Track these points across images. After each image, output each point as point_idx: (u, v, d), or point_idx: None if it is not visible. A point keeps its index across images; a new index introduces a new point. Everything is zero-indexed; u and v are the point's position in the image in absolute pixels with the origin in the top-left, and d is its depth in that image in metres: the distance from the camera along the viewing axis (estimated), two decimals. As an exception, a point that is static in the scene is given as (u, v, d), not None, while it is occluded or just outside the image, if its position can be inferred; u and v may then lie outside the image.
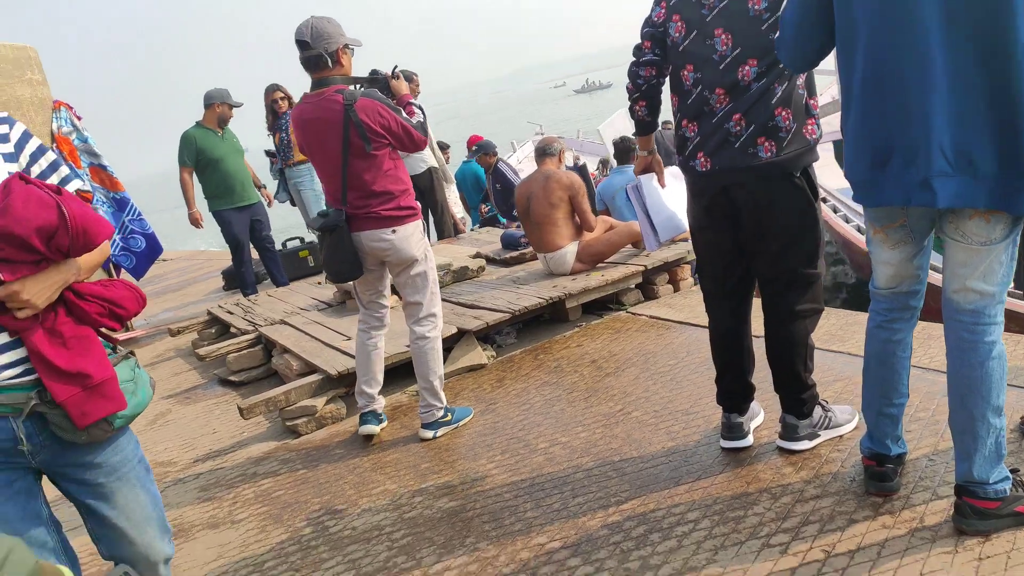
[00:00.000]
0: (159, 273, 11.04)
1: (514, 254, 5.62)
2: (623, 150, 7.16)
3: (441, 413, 3.50)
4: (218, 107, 6.63)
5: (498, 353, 4.44)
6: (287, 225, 11.36)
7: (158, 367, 5.80)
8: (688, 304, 4.68)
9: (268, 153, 7.54)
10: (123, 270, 7.10)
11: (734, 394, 2.82)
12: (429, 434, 3.47)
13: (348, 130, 3.19)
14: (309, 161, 7.25)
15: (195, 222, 6.81)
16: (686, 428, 3.06)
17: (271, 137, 7.35)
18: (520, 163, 16.35)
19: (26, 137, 1.71)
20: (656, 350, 3.99)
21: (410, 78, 6.68)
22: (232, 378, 4.91)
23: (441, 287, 5.24)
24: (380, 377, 3.61)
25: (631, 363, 3.88)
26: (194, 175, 6.64)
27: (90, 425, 1.57)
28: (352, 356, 4.09)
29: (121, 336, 6.81)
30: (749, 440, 2.81)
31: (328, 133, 3.23)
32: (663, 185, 3.00)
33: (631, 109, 2.80)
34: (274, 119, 7.18)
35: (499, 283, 5.10)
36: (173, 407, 4.78)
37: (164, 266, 11.91)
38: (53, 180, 1.72)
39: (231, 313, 5.78)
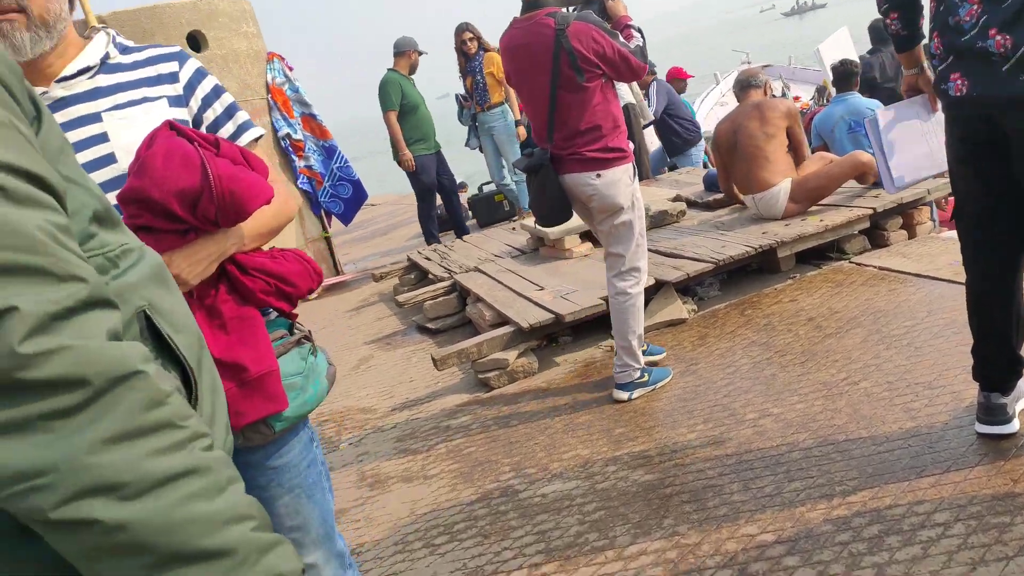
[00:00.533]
0: (367, 218, 11.59)
1: (718, 196, 5.17)
2: (844, 74, 6.32)
3: (638, 374, 3.25)
4: (411, 54, 6.76)
5: (699, 307, 4.09)
6: (479, 170, 11.40)
7: (363, 311, 6.02)
8: (927, 253, 4.03)
9: (460, 98, 7.45)
10: (333, 216, 7.46)
11: (996, 367, 2.32)
12: (624, 396, 3.24)
13: (559, 59, 2.92)
14: (504, 103, 7.27)
15: (408, 164, 6.84)
16: (929, 405, 2.59)
17: (462, 80, 7.26)
18: (723, 96, 15.35)
19: (199, 76, 1.50)
20: (888, 308, 3.46)
21: None
22: (429, 325, 4.96)
23: (638, 233, 4.94)
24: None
25: (857, 323, 3.39)
26: None
27: (245, 427, 1.33)
28: (544, 307, 3.93)
29: (331, 280, 7.16)
30: (1014, 426, 2.31)
31: (537, 62, 2.98)
32: (935, 109, 2.49)
33: (884, 24, 2.33)
34: (465, 61, 7.07)
35: (701, 229, 4.70)
36: (375, 352, 4.92)
37: (372, 211, 12.49)
38: (229, 128, 1.52)
39: (429, 260, 5.85)
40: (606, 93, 3.01)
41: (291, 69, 7.46)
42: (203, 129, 1.49)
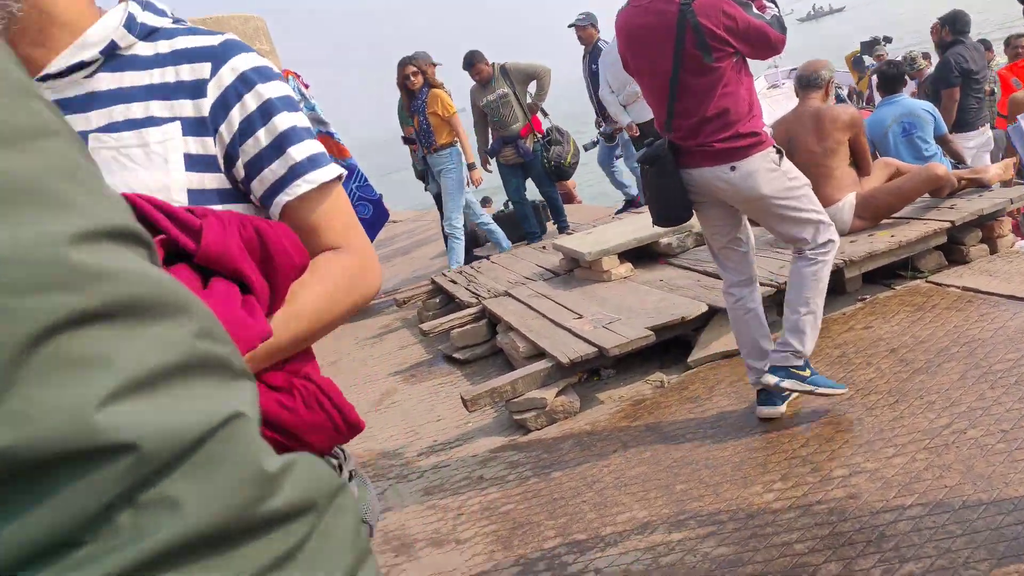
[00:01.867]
0: (388, 236, 11.26)
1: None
2: (893, 77, 5.89)
3: (800, 362, 2.73)
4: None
5: (758, 334, 3.67)
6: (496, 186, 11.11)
7: (385, 339, 5.65)
8: (1017, 271, 3.59)
9: (405, 140, 6.86)
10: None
11: None
12: (773, 380, 2.74)
13: (683, 38, 2.54)
14: (454, 144, 6.42)
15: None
16: (1061, 462, 2.15)
17: (409, 120, 6.51)
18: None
19: (243, 85, 1.02)
20: (983, 337, 3.02)
21: None
22: (456, 355, 4.58)
23: (683, 252, 4.53)
24: (768, 344, 2.84)
25: (949, 355, 2.95)
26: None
27: None
28: (585, 339, 3.54)
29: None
30: None
31: (657, 43, 2.61)
32: None
33: None
34: (409, 100, 6.36)
35: (757, 247, 4.27)
36: (399, 386, 4.54)
37: (392, 228, 12.17)
38: (276, 170, 1.04)
39: (454, 283, 5.48)
40: (740, 73, 2.62)
41: (307, 87, 7.14)
42: (239, 170, 0.99)
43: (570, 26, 7.11)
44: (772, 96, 14.47)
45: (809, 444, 2.63)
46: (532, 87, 6.72)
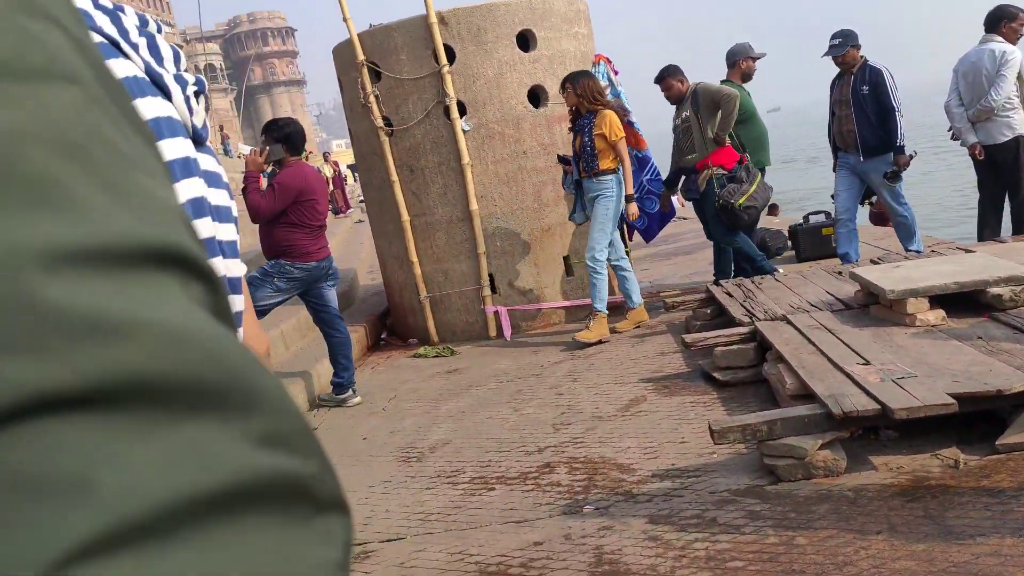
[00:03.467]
0: (675, 232, 10.95)
1: None
2: None
3: None
4: (743, 63, 6.28)
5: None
6: (804, 195, 10.21)
7: (647, 341, 5.45)
8: None
9: (562, 159, 6.01)
10: (636, 231, 6.98)
11: None
12: None
13: None
14: (617, 170, 5.43)
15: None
16: None
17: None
18: None
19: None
20: None
21: None
22: (716, 375, 4.25)
23: (1016, 307, 3.75)
24: None
25: None
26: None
27: None
28: (866, 391, 3.05)
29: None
30: None
31: None
32: None
33: None
34: (575, 117, 5.68)
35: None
36: (649, 395, 4.33)
37: (680, 224, 11.82)
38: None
39: (730, 296, 5.10)
40: None
41: (616, 73, 7.10)
42: None
43: (824, 55, 6.08)
44: None
45: None
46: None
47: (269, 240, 4.76)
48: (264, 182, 4.82)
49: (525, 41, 6.46)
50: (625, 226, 6.88)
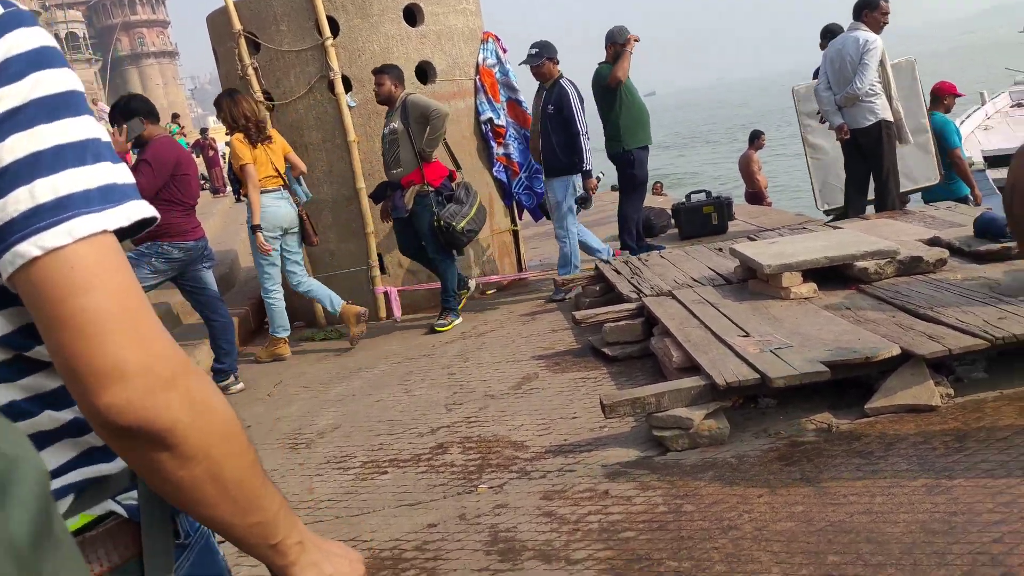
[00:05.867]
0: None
1: (994, 247, 4.07)
2: None
3: None
4: (616, 47, 6.34)
5: (956, 391, 3.13)
6: (685, 175, 10.57)
7: (538, 319, 5.49)
8: None
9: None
10: (525, 209, 7.00)
11: None
12: None
13: None
14: None
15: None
16: None
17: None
18: (989, 119, 13.31)
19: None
20: None
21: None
22: (606, 350, 4.32)
23: (881, 279, 3.99)
24: None
25: None
26: None
27: None
28: (747, 362, 3.17)
29: (511, 276, 6.70)
30: None
31: None
32: None
33: None
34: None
35: (967, 287, 3.67)
36: (541, 371, 4.36)
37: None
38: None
39: (617, 272, 5.20)
40: None
41: (505, 51, 7.07)
42: None
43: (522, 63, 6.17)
44: (1016, 116, 12.86)
45: (1006, 542, 2.15)
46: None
47: None
48: (132, 159, 4.52)
49: (412, 16, 6.32)
50: (515, 203, 6.90)
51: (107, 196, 0.68)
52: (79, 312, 0.64)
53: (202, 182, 16.19)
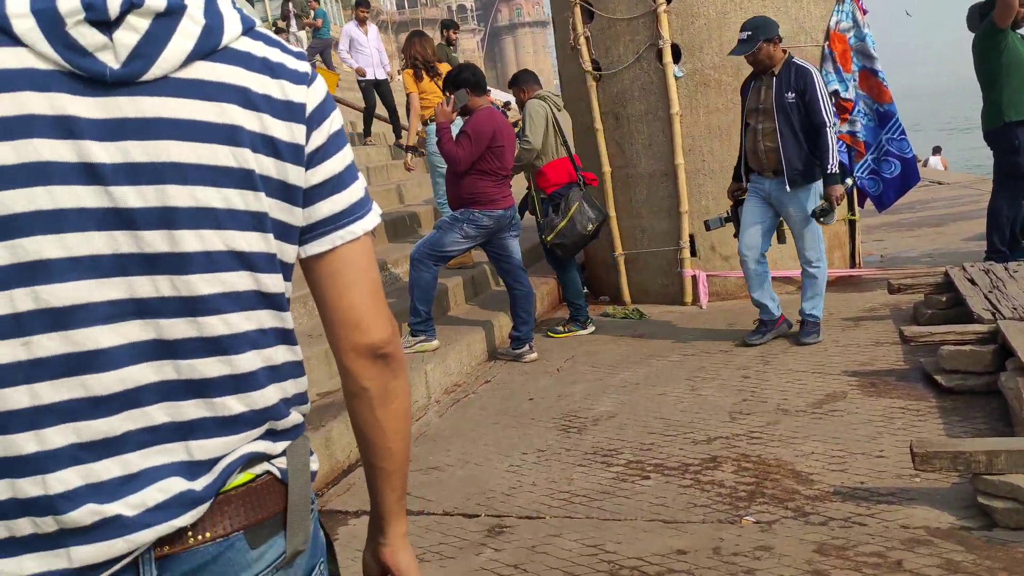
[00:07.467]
0: (923, 198, 9.63)
1: None
2: None
3: None
4: None
5: None
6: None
7: (862, 326, 4.75)
8: None
9: None
10: (867, 197, 6.13)
11: None
12: None
13: None
14: None
15: None
16: None
17: None
18: None
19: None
20: None
21: None
22: (939, 379, 3.57)
23: None
24: None
25: None
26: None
27: None
28: None
29: (839, 272, 5.91)
30: None
31: None
32: None
33: None
34: None
35: None
36: (851, 391, 3.75)
37: (934, 190, 10.39)
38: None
39: (972, 283, 4.28)
40: None
41: (864, 12, 6.16)
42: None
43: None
44: None
45: None
46: None
47: (456, 189, 4.70)
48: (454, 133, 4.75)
49: (754, -25, 5.76)
50: (856, 191, 6.06)
51: (370, 200, 0.99)
52: (374, 279, 0.96)
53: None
